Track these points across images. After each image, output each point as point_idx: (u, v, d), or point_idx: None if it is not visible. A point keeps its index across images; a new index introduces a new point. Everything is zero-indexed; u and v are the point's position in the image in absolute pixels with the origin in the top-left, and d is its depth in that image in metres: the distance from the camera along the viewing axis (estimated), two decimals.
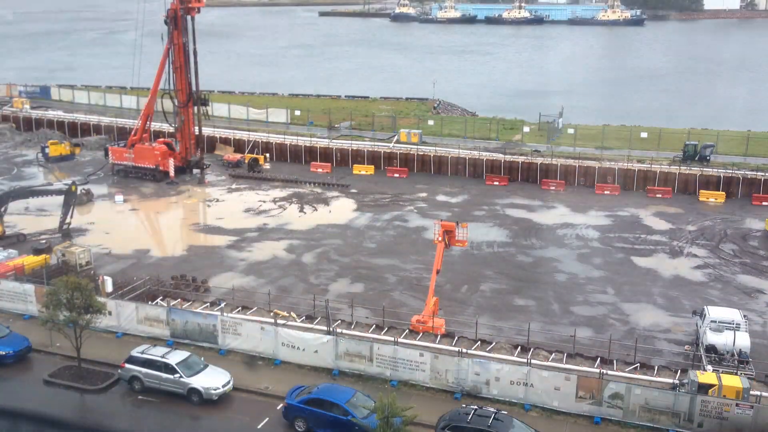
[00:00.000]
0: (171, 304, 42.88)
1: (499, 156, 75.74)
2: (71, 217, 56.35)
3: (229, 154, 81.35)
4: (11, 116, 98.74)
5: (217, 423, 32.96)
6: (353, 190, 71.01)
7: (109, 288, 44.76)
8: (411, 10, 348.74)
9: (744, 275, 50.53)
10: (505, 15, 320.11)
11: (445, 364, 34.90)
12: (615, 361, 37.09)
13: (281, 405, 33.18)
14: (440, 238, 42.80)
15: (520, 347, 38.56)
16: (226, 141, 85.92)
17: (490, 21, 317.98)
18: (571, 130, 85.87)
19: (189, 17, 72.11)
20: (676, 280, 49.76)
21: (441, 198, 68.73)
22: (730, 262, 52.98)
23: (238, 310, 42.64)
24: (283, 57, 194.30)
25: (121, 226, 60.46)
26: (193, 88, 74.14)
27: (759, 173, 68.60)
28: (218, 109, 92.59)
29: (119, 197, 67.17)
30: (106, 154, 78.11)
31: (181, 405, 34.15)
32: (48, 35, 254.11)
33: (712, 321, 38.33)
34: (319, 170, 77.62)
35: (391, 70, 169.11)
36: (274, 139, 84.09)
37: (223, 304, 42.75)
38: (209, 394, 33.97)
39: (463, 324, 41.64)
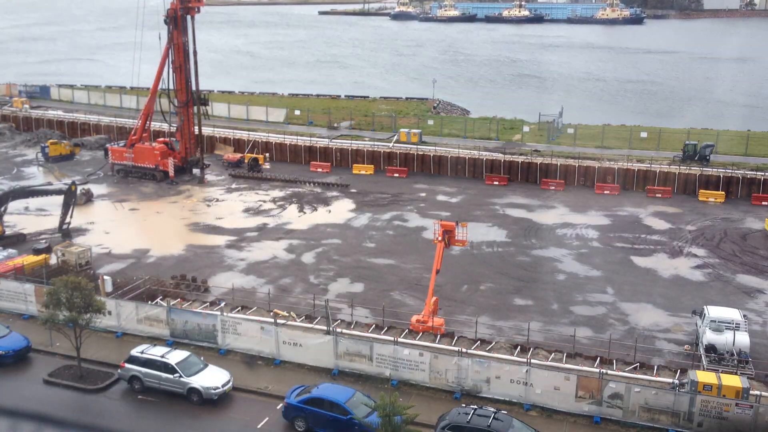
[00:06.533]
0: (171, 303, 42.87)
1: (499, 156, 75.74)
2: (71, 216, 56.34)
3: (229, 154, 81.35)
4: (11, 116, 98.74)
5: (217, 423, 32.94)
6: (353, 190, 71.01)
7: (109, 288, 44.78)
8: (411, 9, 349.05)
9: (744, 275, 50.53)
10: (504, 13, 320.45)
11: (445, 363, 34.90)
12: (615, 361, 37.09)
13: (281, 405, 33.18)
14: (440, 238, 42.79)
15: (519, 347, 38.57)
16: (225, 141, 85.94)
17: (489, 19, 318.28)
18: (571, 130, 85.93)
19: (189, 17, 72.19)
20: (676, 279, 49.77)
21: (441, 198, 68.73)
22: (730, 262, 52.99)
23: (238, 310, 42.66)
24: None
25: (121, 226, 60.48)
26: (193, 87, 74.19)
27: (759, 173, 68.56)
28: (218, 108, 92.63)
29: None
30: (106, 154, 78.13)
31: (181, 405, 34.16)
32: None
33: (711, 321, 38.33)
34: (319, 170, 77.63)
35: None
36: (274, 138, 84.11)
37: (222, 304, 42.79)
38: (209, 393, 33.98)
39: (463, 324, 41.67)
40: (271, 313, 41.59)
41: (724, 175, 69.04)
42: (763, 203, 65.91)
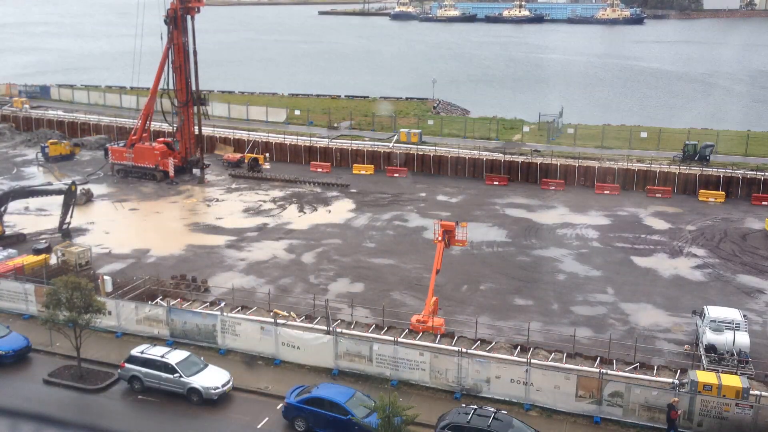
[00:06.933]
0: (171, 303, 42.88)
1: (499, 156, 75.74)
2: (71, 216, 56.33)
3: (229, 154, 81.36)
4: (11, 116, 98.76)
5: (217, 423, 32.95)
6: (353, 190, 71.01)
7: (109, 288, 44.79)
8: (411, 9, 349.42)
9: (744, 275, 50.53)
10: (505, 14, 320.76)
11: (445, 363, 34.90)
12: (615, 361, 37.09)
13: (281, 405, 33.19)
14: (440, 238, 42.80)
15: (519, 347, 38.57)
16: (225, 141, 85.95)
17: (489, 20, 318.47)
18: (571, 130, 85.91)
19: (189, 17, 72.19)
20: (676, 279, 49.76)
21: (441, 198, 68.73)
22: (730, 262, 52.99)
23: (238, 310, 42.65)
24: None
25: (121, 226, 60.49)
26: (193, 87, 74.19)
27: (759, 173, 68.56)
28: (218, 108, 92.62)
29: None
30: (106, 154, 78.12)
31: (181, 405, 34.16)
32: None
33: (711, 321, 38.33)
34: (319, 170, 77.63)
35: None
36: (274, 138, 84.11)
37: (222, 304, 42.77)
38: (209, 393, 33.98)
39: (463, 324, 41.65)
40: (271, 313, 41.59)
41: (724, 175, 69.02)
42: (763, 203, 65.90)
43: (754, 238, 57.83)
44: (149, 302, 42.55)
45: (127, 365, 35.31)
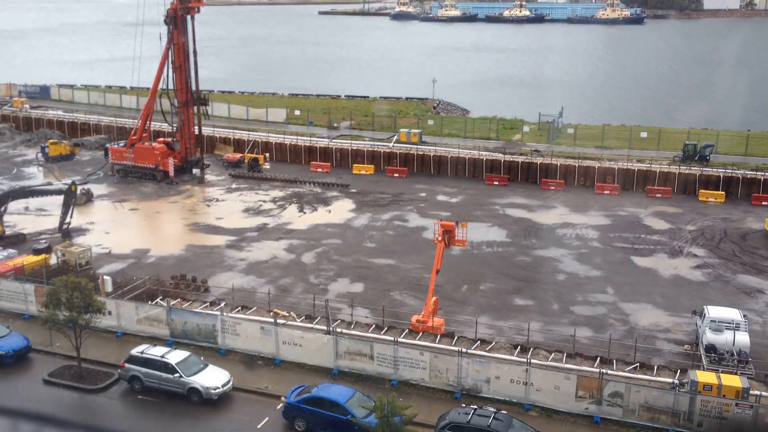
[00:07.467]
0: (171, 303, 42.88)
1: (499, 156, 75.76)
2: (71, 216, 56.35)
3: (229, 154, 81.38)
4: (11, 116, 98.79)
5: (217, 423, 32.95)
6: (353, 190, 71.03)
7: (109, 288, 44.79)
8: (411, 9, 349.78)
9: (744, 275, 50.53)
10: (505, 13, 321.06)
11: (445, 363, 34.91)
12: (615, 361, 37.10)
13: (281, 404, 33.20)
14: (440, 238, 42.79)
15: (519, 347, 38.58)
16: (225, 141, 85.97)
17: (490, 19, 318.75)
18: (570, 130, 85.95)
19: (189, 17, 72.19)
20: (676, 279, 49.77)
21: (441, 198, 68.74)
22: (730, 262, 52.99)
23: (238, 310, 42.67)
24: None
25: (121, 226, 60.50)
26: (193, 87, 74.18)
27: (759, 173, 68.58)
28: (218, 108, 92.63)
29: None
30: (106, 154, 78.16)
31: (181, 405, 34.16)
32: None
33: (711, 321, 38.35)
34: (319, 170, 77.64)
35: None
36: (274, 138, 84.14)
37: (222, 304, 42.78)
38: (209, 393, 33.98)
39: (463, 323, 41.67)
40: (271, 313, 41.60)
41: (724, 175, 69.04)
42: (763, 203, 65.92)
43: (754, 238, 57.83)
44: (149, 302, 42.57)
45: (127, 365, 35.32)
